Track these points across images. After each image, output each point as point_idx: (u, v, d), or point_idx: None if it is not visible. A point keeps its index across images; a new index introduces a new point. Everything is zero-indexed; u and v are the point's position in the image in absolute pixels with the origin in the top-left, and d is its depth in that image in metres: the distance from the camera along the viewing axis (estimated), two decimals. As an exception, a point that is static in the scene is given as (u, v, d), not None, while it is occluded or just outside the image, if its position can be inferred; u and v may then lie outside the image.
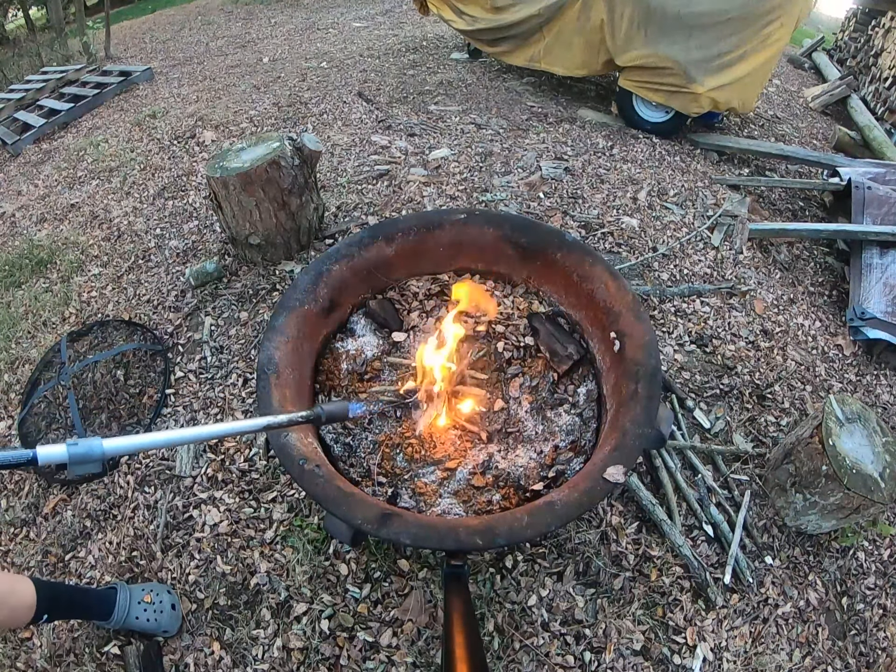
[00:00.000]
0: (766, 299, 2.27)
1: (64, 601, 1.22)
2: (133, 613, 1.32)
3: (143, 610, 1.33)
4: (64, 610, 1.23)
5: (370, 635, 1.33)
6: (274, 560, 1.45)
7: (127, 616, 1.31)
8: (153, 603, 1.35)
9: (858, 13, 5.37)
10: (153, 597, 1.36)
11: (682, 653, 1.34)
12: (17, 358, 2.11)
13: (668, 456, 1.64)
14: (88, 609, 1.29)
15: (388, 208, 2.44)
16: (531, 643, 1.32)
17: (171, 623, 1.35)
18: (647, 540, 1.50)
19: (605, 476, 1.06)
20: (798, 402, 1.89)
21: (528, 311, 1.58)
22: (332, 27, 6.18)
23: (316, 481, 1.06)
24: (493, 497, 1.27)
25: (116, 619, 1.29)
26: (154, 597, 1.36)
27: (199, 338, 1.97)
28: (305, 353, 1.40)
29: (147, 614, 1.33)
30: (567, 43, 3.43)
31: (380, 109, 3.51)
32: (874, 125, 3.94)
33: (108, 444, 0.76)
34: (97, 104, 4.73)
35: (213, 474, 1.61)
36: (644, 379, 1.21)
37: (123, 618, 1.30)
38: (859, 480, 1.39)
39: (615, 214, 2.49)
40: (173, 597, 1.39)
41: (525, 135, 3.17)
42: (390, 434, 1.39)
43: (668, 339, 1.99)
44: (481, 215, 1.61)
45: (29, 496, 1.69)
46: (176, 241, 2.49)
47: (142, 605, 1.33)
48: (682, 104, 3.15)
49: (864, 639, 1.45)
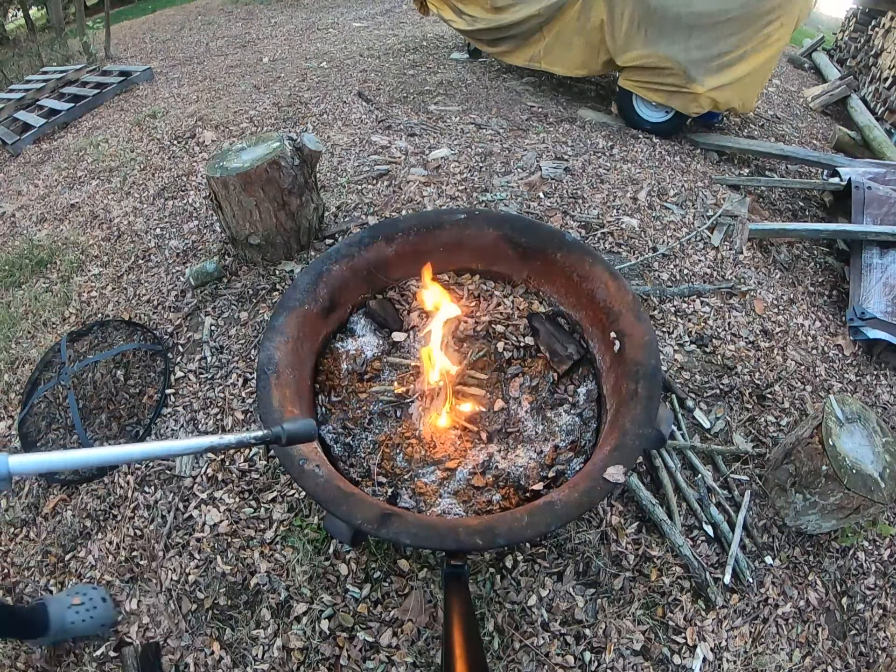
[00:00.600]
0: (766, 299, 2.27)
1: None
2: (68, 619, 1.31)
3: (75, 613, 1.33)
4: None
5: (370, 635, 1.33)
6: (274, 560, 1.45)
7: (62, 624, 1.30)
8: (83, 603, 1.35)
9: (858, 13, 5.37)
10: (81, 597, 1.36)
11: (682, 653, 1.34)
12: (17, 358, 2.10)
13: (668, 456, 1.64)
14: (22, 628, 1.27)
15: (388, 208, 2.44)
16: (531, 643, 1.32)
17: (107, 615, 1.36)
18: (647, 540, 1.50)
19: (605, 476, 1.06)
20: (798, 402, 1.89)
21: (528, 311, 1.58)
22: (332, 27, 6.17)
23: (316, 481, 1.06)
24: (493, 497, 1.27)
25: (55, 630, 1.29)
26: (82, 597, 1.36)
27: (199, 338, 1.97)
28: (305, 353, 1.40)
29: (81, 615, 1.33)
30: (567, 43, 3.43)
31: (380, 109, 3.51)
32: (874, 125, 3.94)
33: (14, 461, 0.67)
34: (97, 104, 4.73)
35: (213, 474, 1.61)
36: (644, 379, 1.21)
37: (60, 627, 1.30)
38: (859, 480, 1.39)
39: (615, 214, 2.49)
40: (100, 590, 1.39)
41: (525, 135, 3.17)
42: (390, 434, 1.39)
43: (668, 339, 1.99)
44: (481, 215, 1.61)
45: (29, 496, 1.69)
46: (176, 241, 2.49)
47: (72, 608, 1.33)
48: (682, 104, 3.15)
49: (864, 639, 1.45)
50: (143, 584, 1.45)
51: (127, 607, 1.42)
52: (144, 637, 1.37)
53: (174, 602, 1.41)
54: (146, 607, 1.41)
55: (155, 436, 1.72)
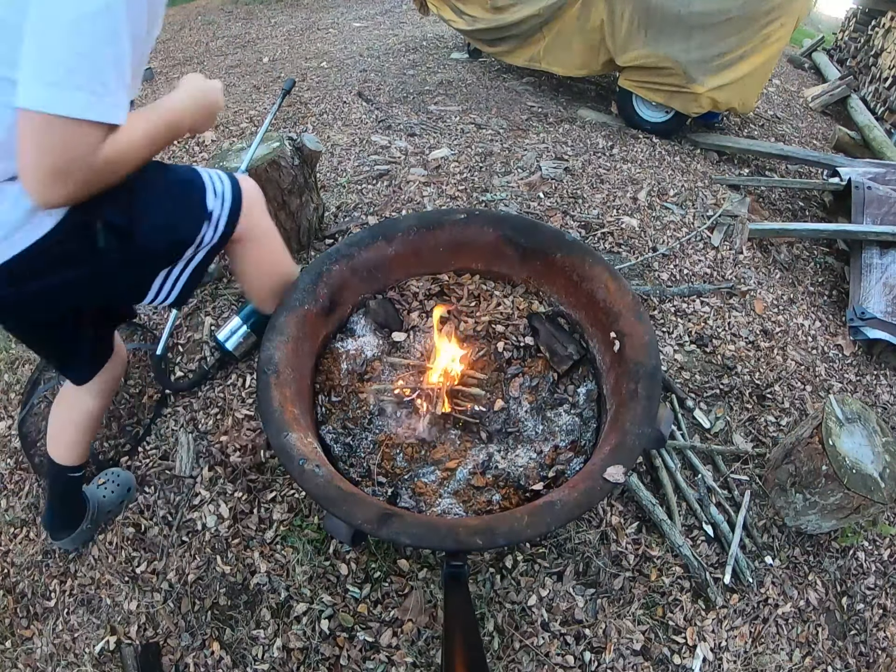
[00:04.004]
0: (766, 299, 2.27)
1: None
2: (99, 494, 1.50)
3: (104, 489, 1.52)
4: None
5: (370, 635, 1.33)
6: (274, 560, 1.45)
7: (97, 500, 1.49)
8: (107, 479, 1.54)
9: (858, 13, 5.37)
10: (104, 477, 1.55)
11: (681, 653, 1.34)
12: (17, 358, 2.10)
13: (668, 456, 1.64)
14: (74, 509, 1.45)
15: (388, 208, 2.44)
16: (531, 643, 1.32)
17: (129, 481, 1.57)
18: (647, 540, 1.50)
19: (605, 476, 1.06)
20: (798, 402, 1.90)
21: (528, 311, 1.58)
22: (332, 27, 6.17)
23: (316, 481, 1.06)
24: (493, 497, 1.27)
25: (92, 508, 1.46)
26: (104, 477, 1.55)
27: (199, 338, 1.97)
28: (305, 352, 1.40)
29: (109, 488, 1.52)
30: (567, 43, 3.43)
31: (380, 109, 3.51)
32: (874, 125, 3.94)
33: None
34: (97, 104, 4.72)
35: (213, 474, 1.61)
36: (644, 379, 1.21)
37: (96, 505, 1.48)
38: (859, 480, 1.39)
39: (615, 214, 2.49)
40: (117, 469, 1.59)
41: (525, 135, 3.17)
42: (390, 434, 1.39)
43: (668, 339, 1.99)
44: (481, 215, 1.61)
45: (29, 496, 1.68)
46: (176, 241, 2.49)
47: (100, 487, 1.52)
48: (682, 104, 3.15)
49: (864, 639, 1.45)
50: (143, 584, 1.45)
51: (126, 607, 1.42)
52: (144, 637, 1.37)
53: (174, 602, 1.41)
54: (146, 607, 1.41)
55: (155, 436, 1.72)
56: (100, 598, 1.45)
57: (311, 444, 1.20)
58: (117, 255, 0.97)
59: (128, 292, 1.14)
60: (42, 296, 0.95)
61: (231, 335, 1.71)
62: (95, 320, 1.17)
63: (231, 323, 1.71)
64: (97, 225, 0.92)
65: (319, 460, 1.12)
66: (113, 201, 0.91)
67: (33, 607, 1.47)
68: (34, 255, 0.88)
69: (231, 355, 1.75)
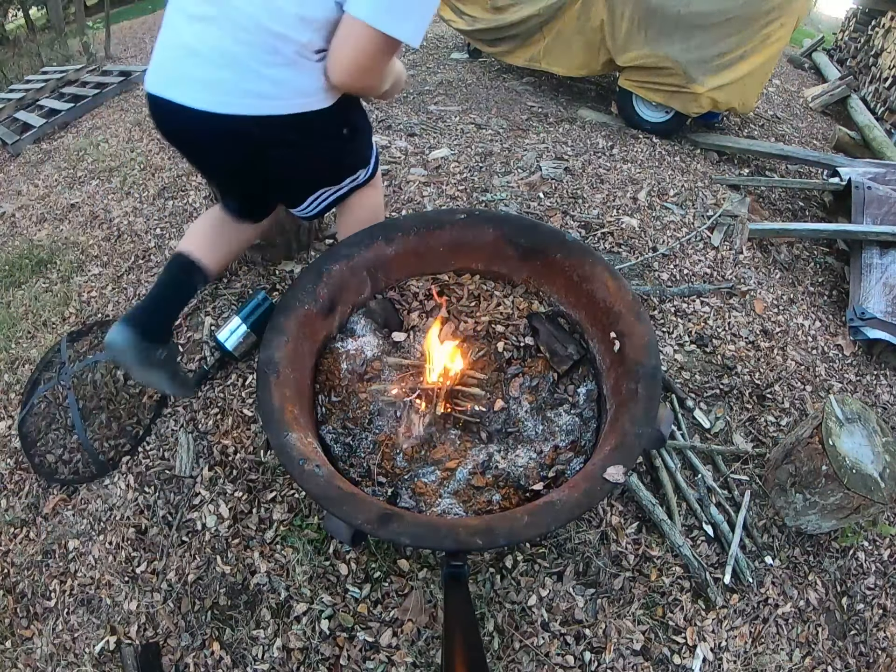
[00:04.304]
0: (766, 299, 2.27)
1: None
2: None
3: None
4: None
5: (370, 635, 1.33)
6: (274, 560, 1.45)
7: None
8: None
9: (858, 13, 5.37)
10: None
11: (682, 653, 1.34)
12: (17, 358, 2.11)
13: (668, 456, 1.64)
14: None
15: (388, 208, 2.44)
16: (531, 643, 1.32)
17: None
18: (647, 540, 1.50)
19: (605, 476, 1.06)
20: (798, 402, 1.90)
21: (528, 311, 1.58)
22: (332, 27, 6.18)
23: (316, 481, 1.06)
24: (493, 497, 1.27)
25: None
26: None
27: (199, 338, 1.97)
28: (305, 352, 1.40)
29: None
30: (567, 43, 3.43)
31: (379, 109, 3.51)
32: (874, 125, 3.94)
33: None
34: (97, 104, 4.72)
35: (213, 474, 1.61)
36: (644, 379, 1.21)
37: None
38: (859, 480, 1.39)
39: (615, 214, 2.49)
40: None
41: (525, 135, 3.17)
42: (390, 434, 1.39)
43: (668, 339, 1.99)
44: (481, 215, 1.61)
45: (29, 496, 1.69)
46: (176, 241, 2.49)
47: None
48: (682, 104, 3.15)
49: (864, 639, 1.45)
50: (143, 584, 1.45)
51: (126, 608, 1.42)
52: (144, 637, 1.37)
53: (174, 602, 1.41)
54: (146, 607, 1.41)
55: (155, 436, 1.72)
56: (100, 598, 1.45)
57: (311, 443, 1.20)
58: (339, 145, 1.31)
59: (309, 183, 1.40)
60: (286, 147, 1.19)
61: (231, 335, 1.71)
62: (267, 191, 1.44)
63: (231, 323, 1.71)
64: (349, 118, 1.28)
65: (319, 460, 1.12)
66: (356, 110, 1.31)
67: (33, 607, 1.47)
68: (309, 118, 1.14)
69: (231, 355, 1.75)
